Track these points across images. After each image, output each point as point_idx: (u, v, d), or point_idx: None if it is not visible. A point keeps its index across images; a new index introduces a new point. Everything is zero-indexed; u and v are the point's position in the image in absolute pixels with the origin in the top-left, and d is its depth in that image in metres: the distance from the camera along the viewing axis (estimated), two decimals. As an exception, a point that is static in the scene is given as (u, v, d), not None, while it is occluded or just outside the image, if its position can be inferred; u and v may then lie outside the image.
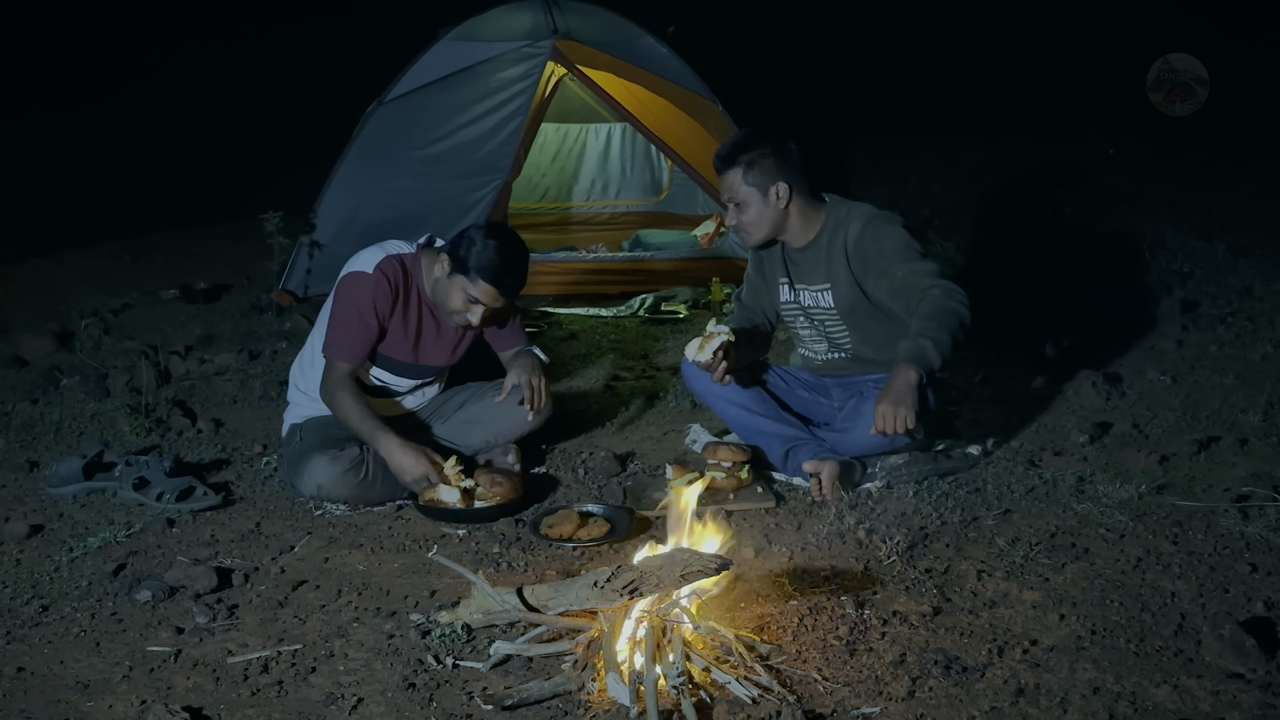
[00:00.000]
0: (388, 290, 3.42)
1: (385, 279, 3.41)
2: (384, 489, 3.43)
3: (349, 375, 3.43)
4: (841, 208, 3.56)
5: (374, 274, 3.41)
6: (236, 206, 7.28)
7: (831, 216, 3.56)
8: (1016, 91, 10.41)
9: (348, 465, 3.36)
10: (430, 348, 3.59)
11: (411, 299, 3.50)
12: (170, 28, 12.32)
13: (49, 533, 3.26)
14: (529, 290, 5.93)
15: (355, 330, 3.42)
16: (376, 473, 3.39)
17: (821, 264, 3.57)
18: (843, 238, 3.51)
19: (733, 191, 3.51)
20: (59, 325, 5.38)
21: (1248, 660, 2.42)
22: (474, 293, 3.37)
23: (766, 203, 3.50)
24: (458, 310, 3.42)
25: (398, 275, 3.45)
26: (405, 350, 3.55)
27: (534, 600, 2.60)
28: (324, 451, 3.38)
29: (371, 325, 3.43)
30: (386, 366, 3.57)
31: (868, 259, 3.46)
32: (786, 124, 3.89)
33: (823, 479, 3.38)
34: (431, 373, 3.67)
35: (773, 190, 3.49)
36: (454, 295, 3.39)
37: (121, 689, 2.44)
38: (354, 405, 3.39)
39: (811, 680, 2.41)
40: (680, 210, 7.30)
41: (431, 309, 3.54)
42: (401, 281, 3.46)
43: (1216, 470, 3.60)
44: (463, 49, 6.04)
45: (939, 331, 3.28)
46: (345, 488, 3.37)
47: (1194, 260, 6.10)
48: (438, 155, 5.83)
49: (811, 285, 3.62)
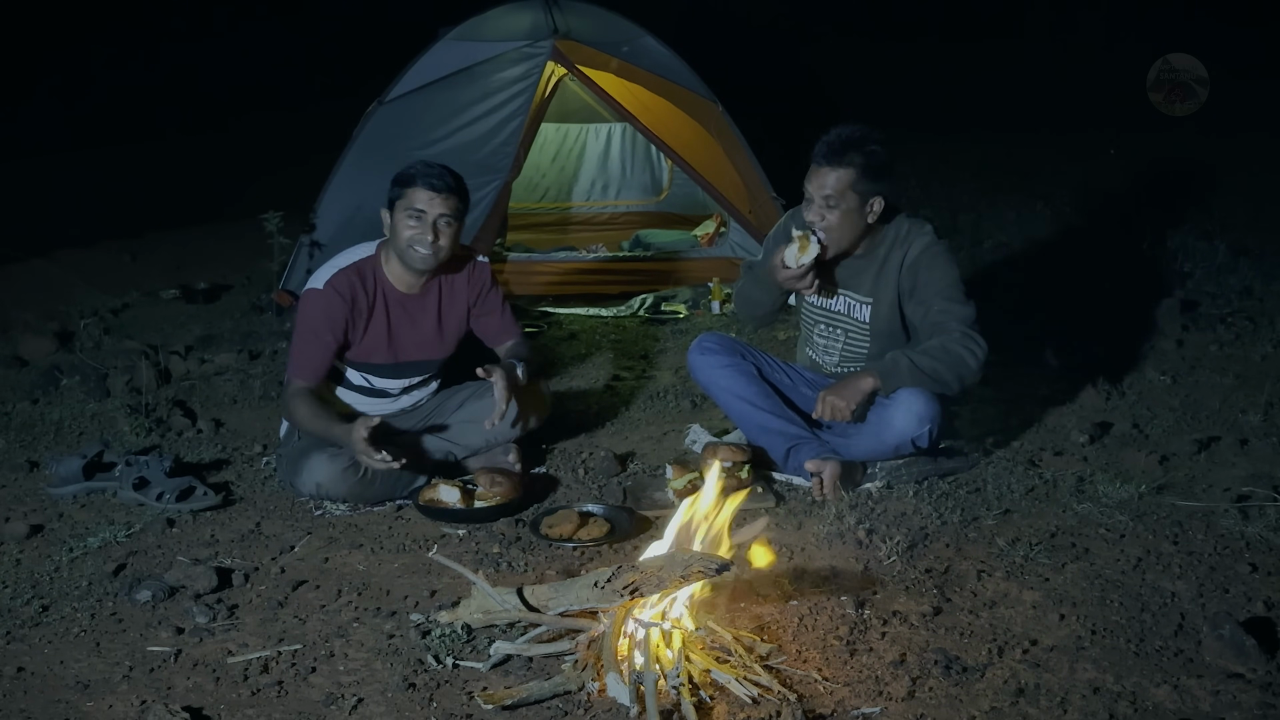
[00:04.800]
0: (340, 303, 3.42)
1: (335, 293, 3.42)
2: (383, 487, 3.43)
3: (304, 390, 3.45)
4: (905, 225, 3.50)
5: (324, 290, 3.43)
6: (236, 206, 7.27)
7: (893, 230, 3.50)
8: (1017, 88, 10.42)
9: (346, 463, 3.36)
10: (409, 344, 3.58)
11: (377, 301, 3.50)
12: (168, 25, 12.32)
13: (49, 533, 3.26)
14: (529, 290, 6.04)
15: (308, 347, 3.45)
16: (374, 471, 3.39)
17: (870, 277, 3.52)
18: (900, 256, 3.46)
19: (833, 190, 3.36)
20: (59, 325, 5.37)
21: (1248, 660, 2.42)
22: (413, 208, 3.36)
23: (862, 212, 3.39)
24: (413, 237, 3.38)
25: (350, 285, 3.44)
26: (383, 352, 3.54)
27: (534, 600, 2.59)
28: (322, 450, 3.39)
29: (326, 340, 3.43)
30: (369, 371, 3.57)
31: (917, 284, 3.44)
32: (786, 124, 3.89)
33: (824, 479, 3.39)
34: (419, 370, 3.65)
35: (872, 201, 3.39)
36: (401, 228, 3.39)
37: (121, 689, 2.45)
38: (307, 414, 3.41)
39: (811, 680, 2.41)
40: (680, 210, 7.29)
41: (403, 304, 3.53)
42: (358, 289, 3.45)
43: (1216, 470, 3.60)
44: (463, 49, 6.04)
45: (930, 363, 3.33)
46: (344, 485, 3.38)
47: (1194, 260, 6.10)
48: (438, 155, 5.78)
49: (852, 293, 3.58)
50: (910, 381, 3.35)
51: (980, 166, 8.90)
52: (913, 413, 3.35)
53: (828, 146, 3.37)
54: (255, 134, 10.34)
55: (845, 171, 3.35)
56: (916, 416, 3.35)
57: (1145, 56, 7.00)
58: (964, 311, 3.39)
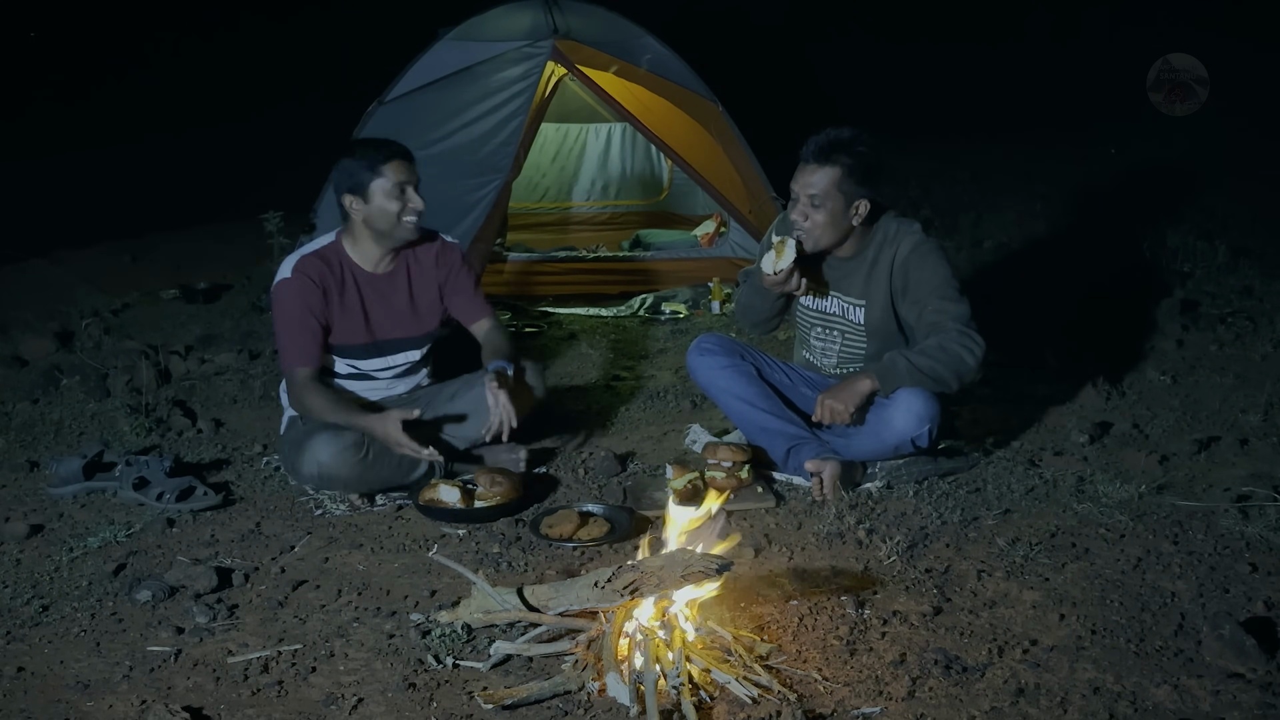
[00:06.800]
0: (311, 285, 3.45)
1: (304, 276, 3.45)
2: (385, 470, 3.43)
3: (311, 378, 3.46)
4: (892, 225, 3.50)
5: (293, 276, 3.46)
6: (236, 206, 7.28)
7: (881, 230, 3.50)
8: (1017, 87, 10.42)
9: (349, 443, 3.36)
10: (385, 321, 3.58)
11: (347, 282, 3.52)
12: (166, 24, 12.32)
13: (49, 533, 3.26)
14: (529, 290, 6.04)
15: (297, 334, 3.46)
16: (377, 453, 3.39)
17: (861, 279, 3.53)
18: (890, 256, 3.46)
19: (817, 189, 3.37)
20: (59, 325, 5.37)
21: (1248, 660, 2.42)
22: (392, 181, 3.41)
23: (846, 213, 3.41)
24: (402, 207, 3.43)
25: (318, 268, 3.47)
26: (359, 332, 3.55)
27: (534, 600, 2.60)
28: (325, 430, 3.39)
29: (310, 324, 3.45)
30: (349, 355, 3.57)
31: (909, 283, 3.45)
32: (786, 123, 3.88)
33: (824, 479, 3.38)
34: (400, 348, 3.63)
35: (857, 203, 3.40)
36: (389, 205, 3.43)
37: (121, 689, 2.45)
38: (325, 403, 3.42)
39: (811, 680, 2.41)
40: (680, 210, 7.29)
41: (373, 283, 3.54)
42: (325, 272, 3.48)
43: (1216, 470, 3.60)
44: (463, 49, 6.04)
45: (928, 363, 3.33)
46: (346, 466, 3.36)
47: (1194, 260, 6.10)
48: (438, 155, 5.82)
49: (844, 296, 3.59)
50: (909, 382, 3.35)
51: (980, 167, 8.90)
52: (912, 413, 3.35)
53: (815, 146, 3.38)
54: (255, 134, 10.35)
55: (831, 171, 3.36)
56: (916, 416, 3.35)
57: (1145, 56, 7.00)
58: (959, 309, 3.39)
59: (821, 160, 3.36)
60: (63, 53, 11.32)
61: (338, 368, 3.59)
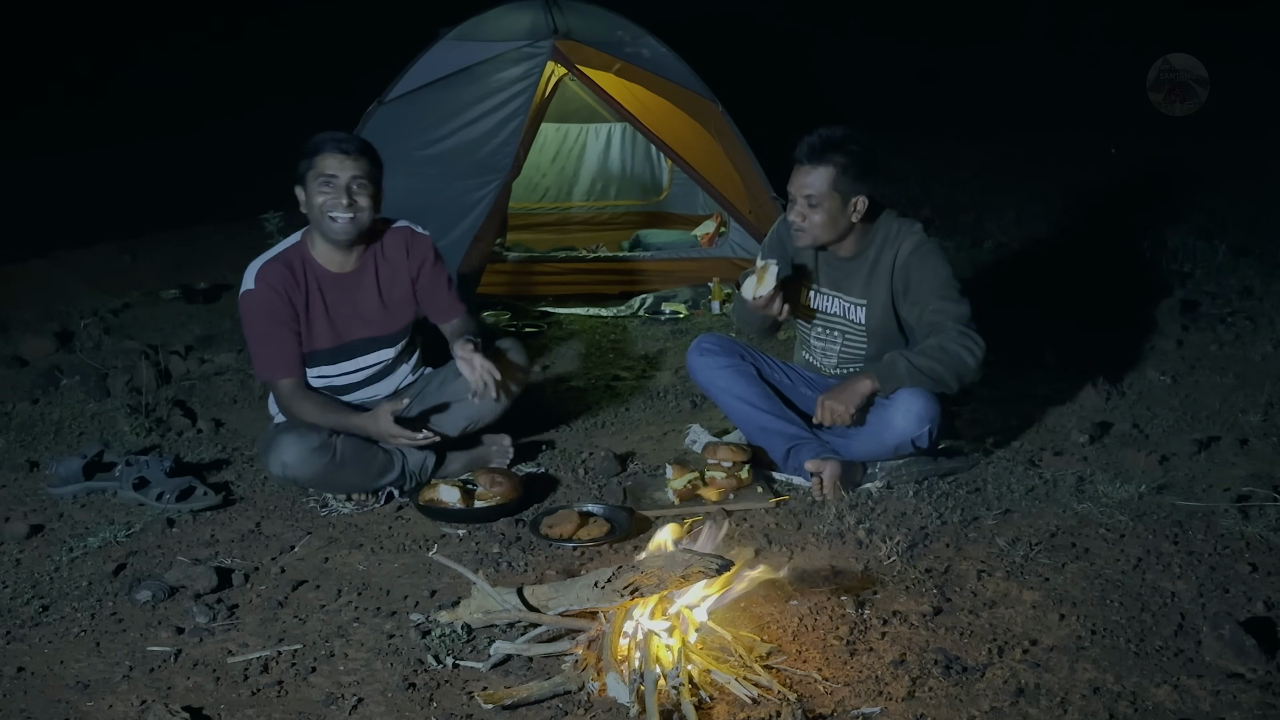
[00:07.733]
0: (275, 294, 3.38)
1: (267, 285, 3.39)
2: (353, 474, 3.39)
3: (295, 386, 3.42)
4: (893, 224, 3.50)
5: (257, 287, 3.39)
6: (236, 206, 7.27)
7: (881, 230, 3.50)
8: (1017, 87, 10.42)
9: (315, 445, 3.31)
10: (350, 321, 3.50)
11: (311, 285, 3.44)
12: (165, 24, 12.32)
13: (49, 533, 3.26)
14: (529, 290, 6.04)
15: (271, 347, 3.41)
16: (345, 456, 3.35)
17: (862, 279, 3.53)
18: (891, 256, 3.46)
19: (813, 189, 3.38)
20: (59, 325, 5.37)
21: (1248, 660, 2.42)
22: (324, 174, 3.31)
23: (844, 211, 3.41)
24: (326, 203, 3.33)
25: (279, 274, 3.40)
26: (326, 335, 3.48)
27: (534, 600, 2.60)
28: (292, 430, 3.36)
29: (282, 333, 3.40)
30: (316, 362, 3.50)
31: (909, 283, 3.45)
32: (786, 123, 3.88)
33: (824, 479, 3.39)
34: (369, 349, 3.55)
35: (854, 200, 3.40)
36: (314, 197, 3.34)
37: (121, 689, 2.45)
38: (314, 408, 3.40)
39: (811, 680, 2.41)
40: (680, 210, 7.30)
41: (338, 284, 3.47)
42: (288, 278, 3.41)
43: (1216, 470, 3.60)
44: (463, 49, 6.04)
45: (928, 363, 3.34)
46: (311, 467, 3.32)
47: (1194, 260, 6.10)
48: (438, 155, 5.82)
49: (845, 296, 3.59)
50: (909, 382, 3.35)
51: (980, 167, 8.90)
52: (912, 413, 3.35)
53: (808, 146, 3.39)
54: (255, 134, 10.32)
55: (826, 170, 3.36)
56: (916, 416, 3.35)
57: (1145, 57, 7.00)
58: (959, 310, 3.39)
59: (815, 160, 3.37)
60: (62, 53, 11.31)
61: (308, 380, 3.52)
